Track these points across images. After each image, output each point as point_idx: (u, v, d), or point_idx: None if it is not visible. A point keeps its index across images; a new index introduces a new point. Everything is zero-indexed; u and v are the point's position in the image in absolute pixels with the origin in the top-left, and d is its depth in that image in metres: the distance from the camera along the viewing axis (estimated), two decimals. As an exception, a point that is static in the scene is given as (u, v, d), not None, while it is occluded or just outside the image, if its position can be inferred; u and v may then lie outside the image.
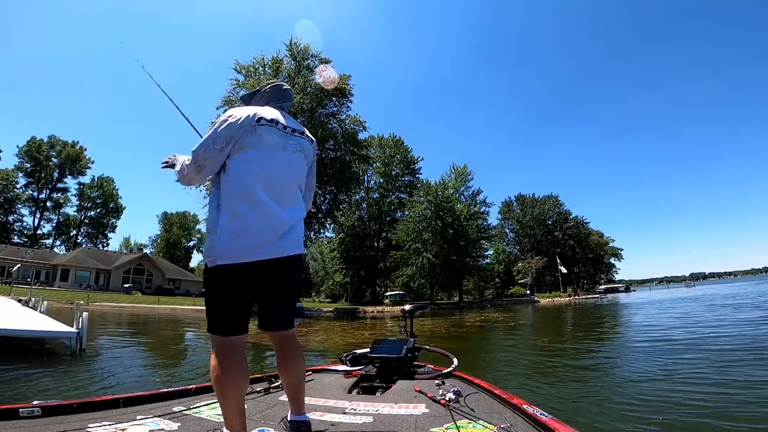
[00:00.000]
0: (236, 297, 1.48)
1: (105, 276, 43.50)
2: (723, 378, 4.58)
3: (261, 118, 1.60)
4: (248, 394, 2.15)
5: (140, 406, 1.94)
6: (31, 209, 61.37)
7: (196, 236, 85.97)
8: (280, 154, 1.62)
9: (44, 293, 23.19)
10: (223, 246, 1.46)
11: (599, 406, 3.81)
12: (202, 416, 1.79)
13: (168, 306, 27.60)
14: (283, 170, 1.62)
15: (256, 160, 1.55)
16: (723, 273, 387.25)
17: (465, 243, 44.79)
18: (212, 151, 1.54)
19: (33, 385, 4.74)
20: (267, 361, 7.20)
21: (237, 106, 1.95)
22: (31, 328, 6.53)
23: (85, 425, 1.57)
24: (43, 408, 1.71)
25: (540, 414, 1.59)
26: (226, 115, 1.58)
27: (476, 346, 9.87)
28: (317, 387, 2.44)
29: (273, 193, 1.56)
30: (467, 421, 1.64)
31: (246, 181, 1.52)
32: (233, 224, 1.48)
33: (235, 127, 1.55)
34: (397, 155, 55.76)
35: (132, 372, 5.75)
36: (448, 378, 2.59)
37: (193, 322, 18.49)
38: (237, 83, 31.36)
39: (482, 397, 2.08)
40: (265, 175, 1.55)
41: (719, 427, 3.12)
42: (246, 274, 1.47)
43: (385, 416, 1.81)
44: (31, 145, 60.25)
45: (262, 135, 1.58)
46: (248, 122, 1.56)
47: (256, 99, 1.84)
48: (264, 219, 1.51)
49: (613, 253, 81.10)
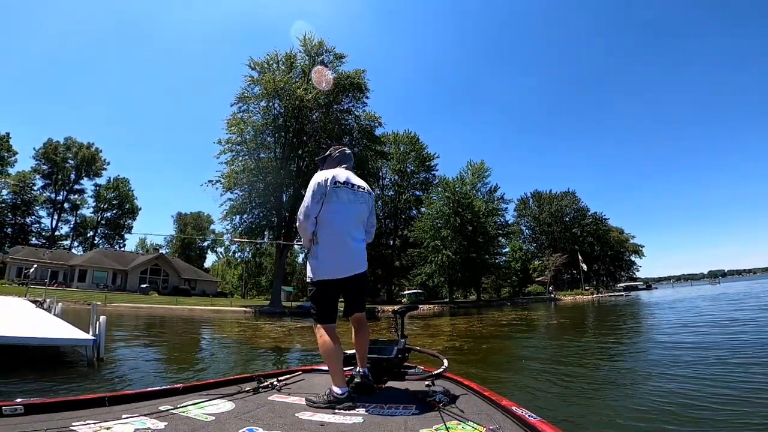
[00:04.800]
0: (331, 299, 2.36)
1: (122, 276, 43.54)
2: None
3: (337, 181, 2.38)
4: (237, 393, 2.21)
5: (126, 405, 1.90)
6: (48, 211, 62.07)
7: (210, 236, 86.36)
8: (352, 206, 2.41)
9: (62, 294, 22.94)
10: (322, 268, 2.30)
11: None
12: (190, 415, 1.76)
13: (186, 306, 27.19)
14: (354, 216, 2.42)
15: (338, 211, 2.34)
16: (742, 270, 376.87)
17: (484, 240, 43.70)
18: (314, 204, 2.32)
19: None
20: (256, 362, 6.41)
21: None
22: (42, 336, 5.83)
23: (68, 423, 1.53)
24: (26, 406, 1.68)
25: (528, 416, 1.59)
26: (315, 181, 2.38)
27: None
28: (307, 386, 2.50)
29: (349, 232, 2.36)
30: (457, 422, 1.65)
31: (333, 224, 2.32)
32: (326, 254, 2.30)
33: (323, 187, 2.35)
34: (412, 152, 54.83)
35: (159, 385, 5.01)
36: (438, 379, 2.60)
37: (212, 323, 17.92)
38: (251, 80, 30.83)
39: (472, 398, 2.10)
40: (343, 220, 2.35)
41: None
42: (335, 285, 2.33)
43: (375, 417, 1.83)
44: (48, 147, 60.87)
45: (340, 193, 2.37)
46: (330, 184, 2.35)
47: (328, 162, 2.61)
48: (344, 250, 2.33)
49: (634, 250, 78.96)
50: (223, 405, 1.97)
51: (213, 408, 1.90)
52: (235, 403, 2.01)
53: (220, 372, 6.23)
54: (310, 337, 12.03)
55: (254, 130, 30.82)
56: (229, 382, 2.49)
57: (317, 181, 2.38)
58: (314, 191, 2.34)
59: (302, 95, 28.77)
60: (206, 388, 2.33)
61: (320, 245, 2.31)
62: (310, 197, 2.33)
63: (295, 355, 9.18)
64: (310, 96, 28.84)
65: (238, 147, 30.99)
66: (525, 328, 14.04)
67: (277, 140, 31.80)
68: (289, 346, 10.35)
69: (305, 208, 2.32)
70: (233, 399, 2.08)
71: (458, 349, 8.74)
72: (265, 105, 31.15)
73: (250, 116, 31.27)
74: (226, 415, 1.80)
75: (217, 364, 7.36)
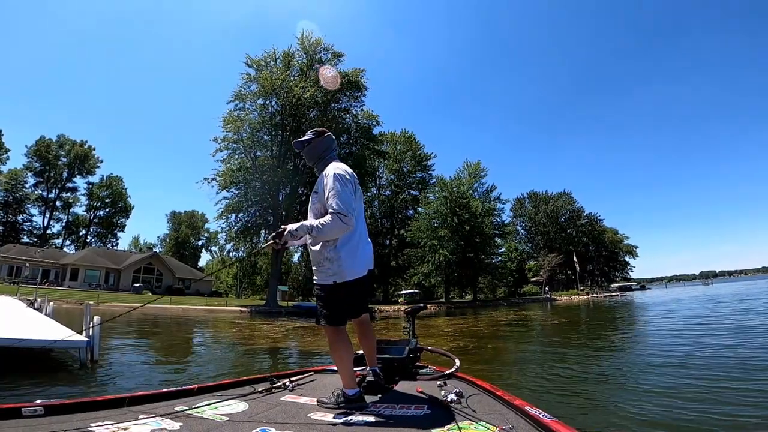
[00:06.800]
0: (354, 297, 2.20)
1: (115, 275, 42.96)
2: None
3: (355, 177, 2.27)
4: (250, 394, 2.21)
5: (142, 406, 1.92)
6: (40, 209, 61.25)
7: (205, 235, 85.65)
8: (361, 201, 2.32)
9: (53, 293, 22.50)
10: (351, 267, 2.09)
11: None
12: (204, 416, 1.77)
13: (180, 306, 26.82)
14: (362, 213, 2.32)
15: (359, 209, 2.22)
16: (734, 271, 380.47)
17: (481, 240, 43.65)
18: (352, 199, 2.11)
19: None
20: (255, 363, 6.21)
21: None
22: (32, 337, 5.57)
23: (87, 424, 1.54)
24: (46, 407, 1.71)
25: (542, 415, 1.56)
26: (343, 170, 2.16)
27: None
28: (319, 387, 2.48)
29: (365, 230, 2.28)
30: (469, 422, 1.62)
31: (360, 222, 2.19)
32: (350, 253, 2.10)
33: (354, 179, 2.23)
34: (409, 152, 54.71)
35: (152, 389, 4.80)
36: (450, 379, 2.57)
37: (207, 323, 17.64)
38: (248, 77, 30.55)
39: (484, 398, 2.08)
40: (362, 218, 2.26)
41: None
42: (361, 284, 2.16)
43: (386, 417, 1.81)
44: (40, 144, 60.01)
45: (358, 190, 2.25)
46: (355, 179, 2.24)
47: (329, 149, 2.34)
48: (366, 247, 2.22)
49: (628, 251, 79.40)
50: (237, 405, 1.99)
51: (227, 409, 1.91)
52: (249, 403, 2.03)
53: (218, 374, 6.04)
54: (309, 338, 11.85)
55: (251, 128, 30.54)
56: (243, 382, 2.51)
57: (346, 170, 2.16)
58: (348, 183, 2.10)
59: (299, 93, 28.53)
60: (220, 389, 2.35)
61: (347, 245, 2.09)
62: (348, 191, 2.07)
63: (295, 355, 8.99)
64: (307, 94, 28.59)
65: (235, 145, 30.69)
66: (525, 329, 13.93)
67: (273, 138, 31.51)
68: (288, 347, 10.15)
69: (346, 204, 2.02)
70: (247, 399, 2.10)
71: (463, 349, 8.59)
72: (262, 103, 30.91)
73: (246, 114, 30.99)
74: (239, 415, 1.81)
75: (213, 365, 7.13)
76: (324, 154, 2.30)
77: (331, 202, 2.01)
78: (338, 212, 1.98)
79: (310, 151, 2.31)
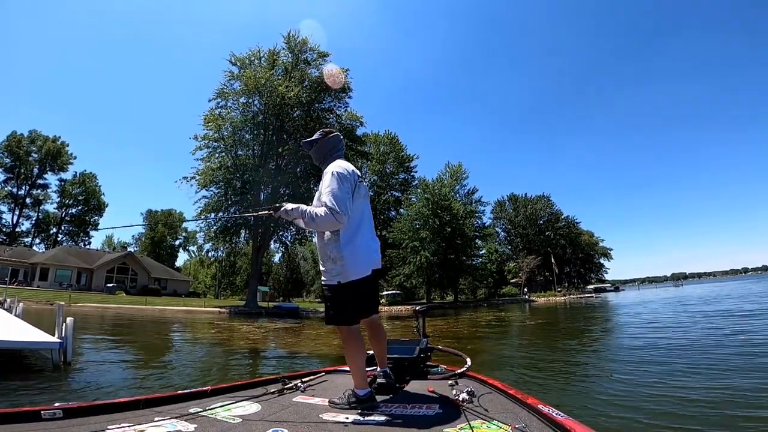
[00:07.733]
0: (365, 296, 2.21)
1: (87, 275, 41.60)
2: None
3: (358, 175, 2.24)
4: (263, 395, 2.24)
5: (158, 408, 1.96)
6: (9, 206, 58.65)
7: (182, 234, 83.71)
8: (366, 200, 2.30)
9: (22, 293, 21.65)
10: (355, 267, 2.10)
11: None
12: (218, 417, 1.80)
13: (156, 306, 26.21)
14: (369, 211, 2.33)
15: (363, 208, 2.24)
16: (703, 273, 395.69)
17: (462, 242, 44.16)
18: (349, 197, 2.09)
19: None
20: (235, 366, 6.23)
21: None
22: (3, 338, 5.42)
23: (104, 426, 1.59)
24: (65, 410, 1.75)
25: (555, 414, 1.57)
26: (343, 167, 2.17)
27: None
28: (330, 387, 2.50)
29: (370, 229, 2.28)
30: (481, 421, 1.63)
31: (363, 223, 2.21)
32: (355, 253, 2.10)
33: (355, 177, 2.20)
34: (392, 153, 54.92)
35: (129, 392, 4.76)
36: (461, 378, 2.59)
37: (185, 324, 17.32)
38: (231, 75, 30.13)
39: (496, 397, 2.08)
40: (367, 217, 2.27)
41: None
42: (366, 284, 2.16)
43: (398, 416, 1.83)
44: (11, 140, 57.51)
45: (361, 188, 2.22)
46: (356, 177, 2.21)
47: (334, 148, 2.37)
48: (372, 244, 2.25)
49: (603, 253, 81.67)
50: (250, 407, 2.02)
51: (240, 410, 1.94)
52: (261, 404, 2.06)
53: (194, 377, 5.99)
54: (290, 339, 11.82)
55: (232, 126, 30.13)
56: (255, 384, 2.56)
57: (346, 168, 2.15)
58: (346, 180, 2.10)
59: (284, 93, 28.29)
60: (233, 390, 2.39)
61: (350, 244, 2.09)
62: (345, 188, 2.07)
63: (275, 357, 8.95)
64: (291, 94, 28.37)
65: (215, 143, 30.21)
66: (504, 329, 14.22)
67: (255, 138, 31.16)
68: (268, 349, 10.10)
69: (339, 202, 2.00)
70: (259, 401, 2.14)
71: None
72: (245, 101, 30.52)
73: (228, 112, 30.56)
74: (252, 416, 1.85)
75: (191, 368, 7.03)
76: (330, 153, 2.33)
77: (325, 199, 2.03)
78: (330, 209, 1.99)
79: (317, 151, 2.35)
